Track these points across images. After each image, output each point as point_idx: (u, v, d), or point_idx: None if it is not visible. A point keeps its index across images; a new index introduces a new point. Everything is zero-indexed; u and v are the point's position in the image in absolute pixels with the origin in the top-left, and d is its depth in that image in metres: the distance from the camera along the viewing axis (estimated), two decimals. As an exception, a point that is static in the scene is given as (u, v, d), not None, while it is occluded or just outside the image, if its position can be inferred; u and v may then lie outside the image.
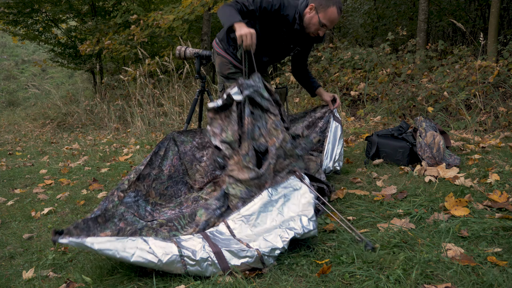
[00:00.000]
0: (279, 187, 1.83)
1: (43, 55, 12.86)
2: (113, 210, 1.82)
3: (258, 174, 1.83)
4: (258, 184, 1.84)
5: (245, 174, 1.83)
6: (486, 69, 3.95)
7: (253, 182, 1.83)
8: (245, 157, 1.87)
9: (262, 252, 1.49)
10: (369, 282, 1.32)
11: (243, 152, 1.88)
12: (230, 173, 1.88)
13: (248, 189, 1.83)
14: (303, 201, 1.76)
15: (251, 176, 1.82)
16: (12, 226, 2.25)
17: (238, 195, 1.83)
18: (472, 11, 7.09)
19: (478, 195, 1.97)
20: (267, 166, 1.87)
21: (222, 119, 1.97)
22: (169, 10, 6.46)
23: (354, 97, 4.96)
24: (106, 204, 1.83)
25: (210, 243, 1.53)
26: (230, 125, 1.92)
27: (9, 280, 1.63)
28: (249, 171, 1.84)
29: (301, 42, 2.42)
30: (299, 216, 1.66)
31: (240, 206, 1.81)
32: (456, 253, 1.42)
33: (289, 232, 1.57)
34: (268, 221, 1.74)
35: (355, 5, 8.84)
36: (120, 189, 1.93)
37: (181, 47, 2.97)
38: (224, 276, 1.45)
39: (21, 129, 8.12)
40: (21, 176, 3.55)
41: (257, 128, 1.96)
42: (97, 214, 1.72)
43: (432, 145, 2.49)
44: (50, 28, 9.14)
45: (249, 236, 1.66)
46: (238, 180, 1.84)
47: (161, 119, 6.01)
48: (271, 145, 1.93)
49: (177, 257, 1.45)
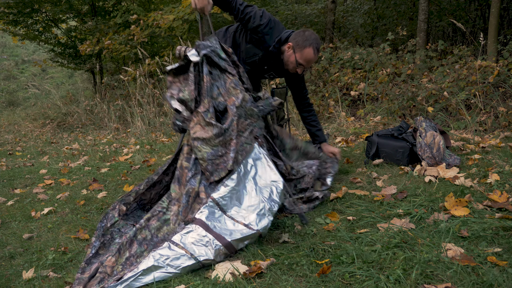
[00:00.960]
0: (249, 158, 1.90)
1: (43, 55, 12.86)
2: (112, 229, 1.80)
3: (222, 129, 1.82)
4: (223, 142, 1.82)
5: (208, 132, 1.81)
6: (486, 69, 3.95)
7: (218, 140, 1.81)
8: (206, 113, 1.85)
9: (261, 231, 1.66)
10: (369, 282, 1.32)
11: (203, 109, 1.86)
12: (193, 135, 1.85)
13: (214, 149, 1.81)
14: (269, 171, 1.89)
15: (215, 132, 1.80)
16: (12, 226, 2.25)
17: (205, 157, 1.80)
18: (472, 11, 7.09)
19: (478, 195, 1.97)
20: (229, 122, 1.86)
21: (180, 81, 1.97)
22: (169, 10, 6.46)
23: (354, 97, 4.97)
24: (104, 224, 1.79)
25: (215, 235, 1.59)
26: (187, 85, 1.92)
27: (9, 280, 1.63)
28: (211, 127, 1.81)
29: (277, 68, 2.45)
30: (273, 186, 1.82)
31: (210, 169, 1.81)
32: (456, 253, 1.42)
33: (273, 204, 1.76)
34: (251, 192, 1.82)
35: (355, 5, 8.84)
36: (124, 202, 1.90)
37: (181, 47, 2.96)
38: (225, 274, 1.45)
39: (21, 129, 8.12)
40: (21, 176, 3.55)
41: (215, 88, 1.96)
42: (97, 247, 1.68)
43: (432, 145, 2.49)
44: (50, 28, 9.14)
45: (239, 212, 1.73)
46: (203, 141, 1.81)
47: (161, 119, 6.01)
48: (231, 104, 1.92)
49: (196, 264, 1.54)
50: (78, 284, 1.46)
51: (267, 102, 2.10)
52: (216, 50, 1.99)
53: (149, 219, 1.73)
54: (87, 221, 2.23)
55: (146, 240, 1.66)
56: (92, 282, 1.46)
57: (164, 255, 1.52)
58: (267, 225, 1.69)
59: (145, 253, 1.61)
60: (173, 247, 1.55)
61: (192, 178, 1.82)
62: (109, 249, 1.71)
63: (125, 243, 1.62)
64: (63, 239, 2.00)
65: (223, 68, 2.01)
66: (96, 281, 1.46)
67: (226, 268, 1.50)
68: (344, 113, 4.63)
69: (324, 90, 5.29)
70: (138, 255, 1.59)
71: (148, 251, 1.62)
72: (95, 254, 1.66)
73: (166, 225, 1.74)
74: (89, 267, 1.58)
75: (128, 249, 1.60)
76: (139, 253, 1.60)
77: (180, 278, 1.49)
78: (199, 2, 2.06)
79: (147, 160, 3.70)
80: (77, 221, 2.24)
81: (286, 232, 1.80)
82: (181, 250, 1.54)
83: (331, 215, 1.94)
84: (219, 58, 2.00)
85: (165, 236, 1.70)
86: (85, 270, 1.56)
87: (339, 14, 8.43)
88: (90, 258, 1.63)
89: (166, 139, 4.96)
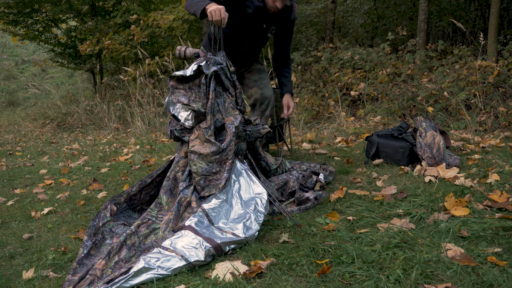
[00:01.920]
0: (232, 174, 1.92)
1: (43, 55, 12.86)
2: (103, 229, 1.82)
3: (220, 148, 1.84)
4: (219, 160, 1.84)
5: (207, 148, 1.84)
6: (486, 69, 3.95)
7: (214, 158, 1.84)
8: (207, 130, 1.88)
9: (249, 239, 1.70)
10: (369, 282, 1.32)
11: (205, 126, 1.89)
12: (191, 148, 1.88)
13: (209, 165, 1.84)
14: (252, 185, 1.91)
15: (213, 150, 1.83)
16: (12, 226, 2.25)
17: (199, 171, 1.84)
18: (472, 11, 7.09)
19: (478, 195, 1.97)
20: (228, 142, 1.88)
21: (185, 90, 1.98)
22: (169, 10, 6.46)
23: (354, 97, 4.97)
24: (96, 223, 1.81)
25: (205, 238, 1.60)
26: (200, 98, 1.94)
27: (9, 280, 1.63)
28: (210, 144, 1.85)
29: (273, 21, 2.45)
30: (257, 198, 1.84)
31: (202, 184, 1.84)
32: (456, 253, 1.42)
33: (259, 214, 1.79)
34: (235, 206, 1.84)
35: (355, 5, 8.83)
36: (115, 202, 1.93)
37: (181, 47, 2.96)
38: (225, 274, 1.45)
39: (21, 129, 8.13)
40: (21, 176, 3.55)
41: (216, 104, 1.99)
42: (89, 247, 1.69)
43: (432, 145, 2.49)
44: (50, 28, 9.14)
45: (227, 224, 1.75)
46: (200, 156, 1.85)
47: (161, 119, 6.01)
48: (229, 122, 1.95)
49: (186, 265, 1.54)
50: (68, 286, 1.46)
51: (255, 129, 2.10)
52: (225, 69, 2.01)
53: (139, 225, 1.78)
54: (87, 221, 2.23)
55: (135, 246, 1.69)
56: (82, 283, 1.47)
57: (155, 257, 1.53)
58: (254, 234, 1.72)
59: (133, 258, 1.64)
60: (163, 252, 1.57)
61: (186, 188, 1.86)
62: (100, 250, 1.72)
63: (115, 247, 1.64)
64: (63, 239, 2.00)
65: (226, 87, 2.04)
66: (86, 282, 1.47)
67: (226, 268, 1.50)
68: (344, 113, 4.63)
69: (324, 90, 5.29)
70: (126, 259, 1.62)
71: (136, 256, 1.65)
72: (86, 254, 1.66)
73: (153, 234, 1.78)
74: (81, 268, 1.58)
75: (117, 253, 1.62)
76: (127, 258, 1.63)
77: (180, 278, 1.49)
78: (217, 14, 1.97)
79: (147, 160, 3.70)
80: (77, 221, 2.24)
81: (286, 232, 1.80)
82: (172, 253, 1.55)
83: (331, 215, 1.94)
84: (225, 77, 2.02)
85: (152, 243, 1.72)
86: (77, 272, 1.56)
87: (339, 14, 8.43)
88: (82, 259, 1.64)
89: (166, 139, 4.96)
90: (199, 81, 1.98)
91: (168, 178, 1.96)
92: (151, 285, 1.46)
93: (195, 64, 1.97)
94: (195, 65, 1.96)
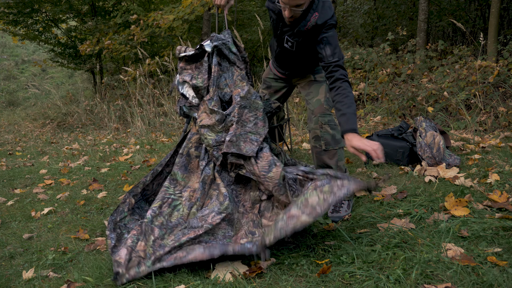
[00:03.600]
0: None
1: (43, 55, 12.86)
2: (119, 224, 1.85)
3: (223, 115, 1.86)
4: (225, 128, 1.87)
5: (212, 119, 1.88)
6: (486, 69, 3.95)
7: (220, 126, 1.87)
8: (210, 101, 1.91)
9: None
10: (369, 282, 1.32)
11: (208, 97, 1.92)
12: (200, 123, 1.91)
13: (218, 136, 1.87)
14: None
15: (217, 118, 1.86)
16: (12, 226, 2.25)
17: (211, 143, 1.87)
18: (472, 11, 7.09)
19: (478, 195, 1.97)
20: (231, 108, 1.91)
21: (192, 69, 2.04)
22: (169, 10, 6.46)
23: (354, 97, 4.96)
24: (114, 217, 1.85)
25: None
26: (201, 74, 1.99)
27: (9, 280, 1.63)
28: (215, 114, 1.87)
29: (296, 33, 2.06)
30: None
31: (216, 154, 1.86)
32: (456, 253, 1.42)
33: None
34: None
35: (355, 5, 8.84)
36: (133, 193, 1.96)
37: (181, 47, 2.96)
38: (225, 275, 1.45)
39: (21, 129, 8.13)
40: (21, 176, 3.55)
41: (223, 79, 2.02)
42: (114, 239, 1.74)
43: (432, 145, 2.49)
44: (50, 28, 9.14)
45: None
46: (208, 128, 1.88)
47: (161, 119, 6.01)
48: (236, 93, 1.97)
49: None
50: (118, 267, 1.52)
51: (267, 103, 2.13)
52: (228, 43, 2.04)
53: (161, 206, 1.82)
54: (87, 221, 2.23)
55: (163, 225, 1.75)
56: (131, 265, 1.54)
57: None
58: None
59: (166, 235, 1.70)
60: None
61: (206, 166, 1.90)
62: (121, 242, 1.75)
63: (146, 229, 1.70)
64: (63, 239, 2.00)
65: (232, 61, 2.06)
66: (134, 264, 1.54)
67: (226, 268, 1.50)
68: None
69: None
70: (161, 237, 1.69)
71: (168, 234, 1.71)
72: (114, 245, 1.72)
73: (176, 210, 1.82)
74: (116, 254, 1.62)
75: (151, 233, 1.68)
76: (161, 236, 1.69)
77: (180, 277, 1.49)
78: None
79: (147, 160, 3.70)
80: (77, 221, 2.24)
81: (286, 232, 1.80)
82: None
83: (331, 215, 1.94)
84: (229, 51, 2.05)
85: (179, 220, 1.78)
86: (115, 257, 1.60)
87: (339, 14, 8.43)
88: (112, 248, 1.70)
89: (166, 139, 4.96)
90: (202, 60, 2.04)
91: (182, 155, 1.99)
92: (151, 284, 1.46)
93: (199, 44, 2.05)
94: (197, 46, 2.03)
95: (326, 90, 2.11)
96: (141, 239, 1.65)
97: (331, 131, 1.95)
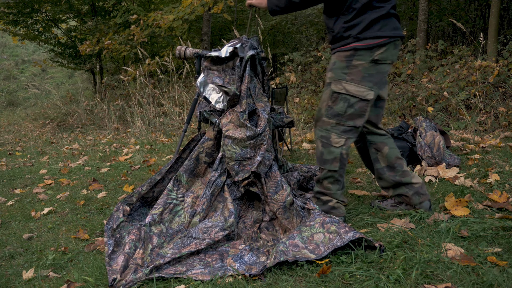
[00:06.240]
0: None
1: (43, 55, 12.86)
2: (118, 230, 1.82)
3: (256, 132, 1.81)
4: (253, 145, 1.83)
5: (241, 133, 1.82)
6: (486, 69, 3.95)
7: (248, 142, 1.82)
8: (242, 114, 1.85)
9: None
10: (369, 282, 1.32)
11: (240, 110, 1.86)
12: (226, 133, 1.85)
13: (243, 150, 1.83)
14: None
15: (248, 134, 1.81)
16: (12, 226, 2.25)
17: (234, 157, 1.82)
18: (472, 11, 7.09)
19: (478, 195, 1.97)
20: (263, 127, 1.85)
21: (219, 71, 1.96)
22: (169, 10, 6.46)
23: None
24: (110, 226, 1.82)
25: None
26: (232, 79, 1.93)
27: (9, 280, 1.63)
28: (245, 129, 1.82)
29: None
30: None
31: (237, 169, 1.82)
32: (456, 253, 1.42)
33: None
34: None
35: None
36: (127, 202, 1.92)
37: (181, 47, 2.97)
38: (224, 277, 1.45)
39: (21, 129, 8.13)
40: (21, 176, 3.55)
41: (248, 89, 1.97)
42: (112, 245, 1.72)
43: (432, 145, 2.49)
44: (50, 28, 9.14)
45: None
46: (234, 140, 1.82)
47: (161, 119, 6.01)
48: (261, 108, 1.94)
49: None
50: (112, 275, 1.50)
51: (279, 117, 2.10)
52: (260, 54, 2.00)
53: (162, 213, 1.80)
54: (87, 221, 2.23)
55: (163, 232, 1.73)
56: (127, 272, 1.52)
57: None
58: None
59: (165, 244, 1.68)
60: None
61: (218, 178, 1.86)
62: (120, 246, 1.74)
63: (145, 236, 1.68)
64: (63, 239, 2.00)
65: (257, 72, 2.03)
66: (130, 271, 1.52)
67: (226, 268, 1.49)
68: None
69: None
70: (159, 246, 1.67)
71: (167, 242, 1.69)
72: (112, 251, 1.70)
73: (177, 216, 1.80)
74: (114, 261, 1.61)
75: (149, 241, 1.67)
76: (160, 244, 1.68)
77: (180, 277, 1.49)
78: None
79: (147, 160, 3.70)
80: (77, 221, 2.24)
81: (286, 232, 1.80)
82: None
83: (331, 215, 1.94)
84: (258, 62, 2.01)
85: (179, 227, 1.76)
86: (111, 264, 1.59)
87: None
88: (110, 254, 1.68)
89: (166, 139, 4.96)
90: (232, 63, 1.96)
91: (191, 157, 1.93)
92: (151, 284, 1.45)
93: (229, 46, 1.94)
94: (230, 47, 1.93)
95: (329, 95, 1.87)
96: (139, 246, 1.62)
97: (320, 148, 1.83)
